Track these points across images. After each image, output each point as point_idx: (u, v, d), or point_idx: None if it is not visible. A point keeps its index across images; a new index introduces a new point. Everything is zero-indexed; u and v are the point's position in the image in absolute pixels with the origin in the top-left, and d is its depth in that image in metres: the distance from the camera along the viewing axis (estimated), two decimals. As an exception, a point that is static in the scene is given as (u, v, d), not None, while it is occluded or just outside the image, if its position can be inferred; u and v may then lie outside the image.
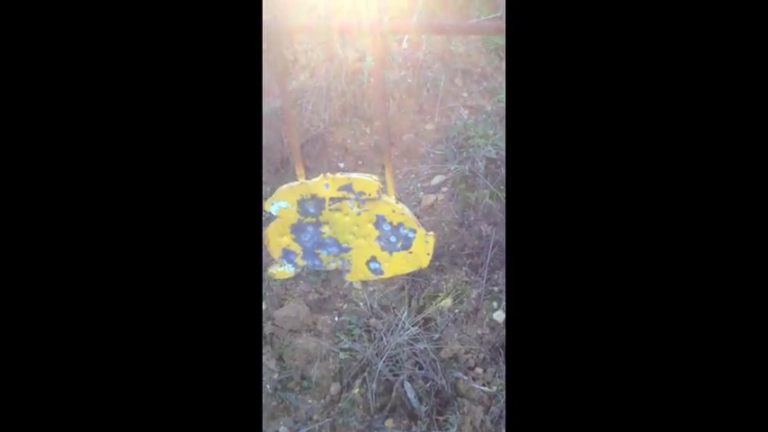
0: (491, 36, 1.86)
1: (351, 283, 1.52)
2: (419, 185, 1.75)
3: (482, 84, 1.96)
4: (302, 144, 1.78)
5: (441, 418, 1.24)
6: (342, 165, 1.88)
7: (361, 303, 1.47)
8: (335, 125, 1.89)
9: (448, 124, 1.86)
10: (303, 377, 1.37)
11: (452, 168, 1.72)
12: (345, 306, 1.49)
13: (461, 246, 1.55)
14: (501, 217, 1.54)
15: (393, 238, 1.09)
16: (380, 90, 0.96)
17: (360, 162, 1.90)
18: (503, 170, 1.60)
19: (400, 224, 1.06)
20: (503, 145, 1.60)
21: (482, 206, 1.59)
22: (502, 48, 1.96)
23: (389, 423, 1.27)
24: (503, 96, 1.79)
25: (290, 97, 1.05)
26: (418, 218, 1.59)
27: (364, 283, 1.52)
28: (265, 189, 1.77)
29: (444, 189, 1.70)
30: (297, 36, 1.82)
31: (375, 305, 1.46)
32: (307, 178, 1.04)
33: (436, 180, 1.73)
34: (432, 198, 1.68)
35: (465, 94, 1.94)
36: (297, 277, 1.52)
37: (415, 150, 1.83)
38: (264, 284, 1.53)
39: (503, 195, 1.57)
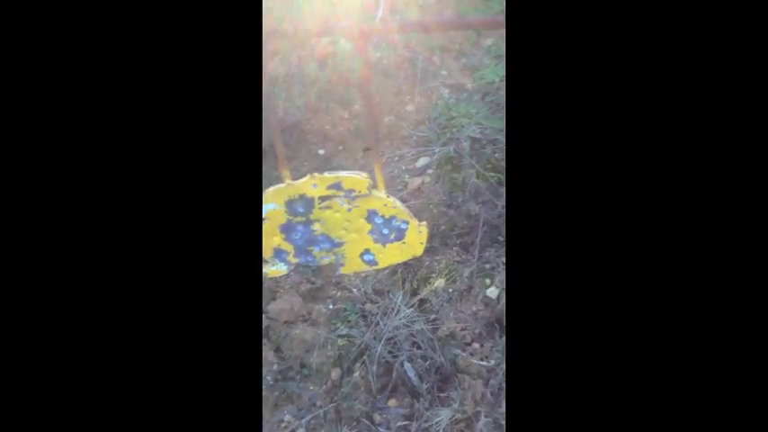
0: (489, 30, 1.82)
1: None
2: (404, 168, 1.75)
3: (461, 60, 1.94)
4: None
5: (442, 395, 1.29)
6: (321, 152, 1.87)
7: (354, 290, 1.49)
8: (312, 111, 1.86)
9: (429, 104, 1.84)
10: (303, 365, 1.39)
11: (437, 150, 1.72)
12: (339, 294, 1.51)
13: (451, 226, 1.57)
14: (489, 196, 1.56)
15: (386, 231, 1.10)
16: (365, 87, 0.94)
17: (340, 147, 1.88)
18: (488, 149, 1.61)
19: (392, 217, 1.07)
20: (487, 123, 1.61)
21: (469, 186, 1.61)
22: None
23: (393, 402, 1.31)
24: (483, 73, 1.79)
25: (265, 88, 1.02)
26: (405, 201, 1.60)
27: (356, 270, 1.53)
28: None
29: (430, 171, 1.71)
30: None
31: (369, 290, 1.48)
32: (292, 178, 1.04)
33: (421, 162, 1.74)
34: (418, 181, 1.68)
35: (444, 72, 1.92)
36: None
37: (396, 133, 1.82)
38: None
39: (489, 175, 1.58)
